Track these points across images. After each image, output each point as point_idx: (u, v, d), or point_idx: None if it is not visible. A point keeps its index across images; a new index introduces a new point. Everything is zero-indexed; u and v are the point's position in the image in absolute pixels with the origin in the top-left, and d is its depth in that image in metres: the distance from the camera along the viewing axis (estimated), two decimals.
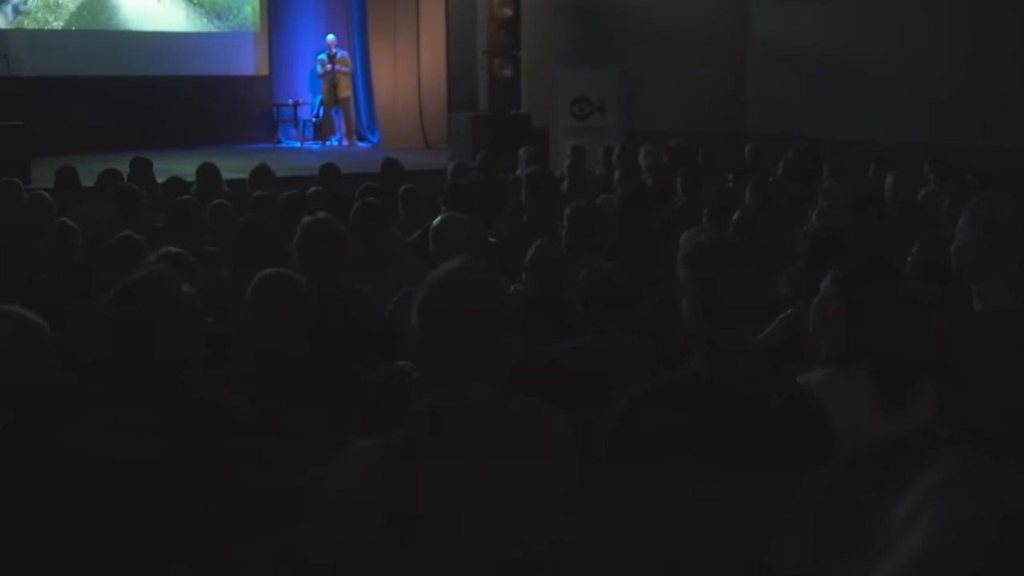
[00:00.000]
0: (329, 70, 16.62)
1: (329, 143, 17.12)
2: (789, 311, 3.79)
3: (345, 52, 17.02)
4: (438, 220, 4.66)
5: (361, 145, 17.32)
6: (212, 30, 16.85)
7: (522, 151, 9.66)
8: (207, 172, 7.89)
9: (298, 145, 16.99)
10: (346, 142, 17.03)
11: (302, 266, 3.79)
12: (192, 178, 7.97)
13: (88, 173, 8.22)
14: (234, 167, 10.68)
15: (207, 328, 2.67)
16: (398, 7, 16.94)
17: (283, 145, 17.07)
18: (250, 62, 17.40)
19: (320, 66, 16.73)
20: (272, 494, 2.53)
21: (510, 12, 13.83)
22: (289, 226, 4.50)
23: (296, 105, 17.21)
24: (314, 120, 17.24)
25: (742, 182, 6.78)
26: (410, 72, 16.96)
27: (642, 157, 8.98)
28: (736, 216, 5.00)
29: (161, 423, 2.34)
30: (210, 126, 16.08)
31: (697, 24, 13.37)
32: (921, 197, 6.84)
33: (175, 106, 15.67)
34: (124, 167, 8.08)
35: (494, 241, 5.90)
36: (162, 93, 15.64)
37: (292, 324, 3.11)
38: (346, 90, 16.85)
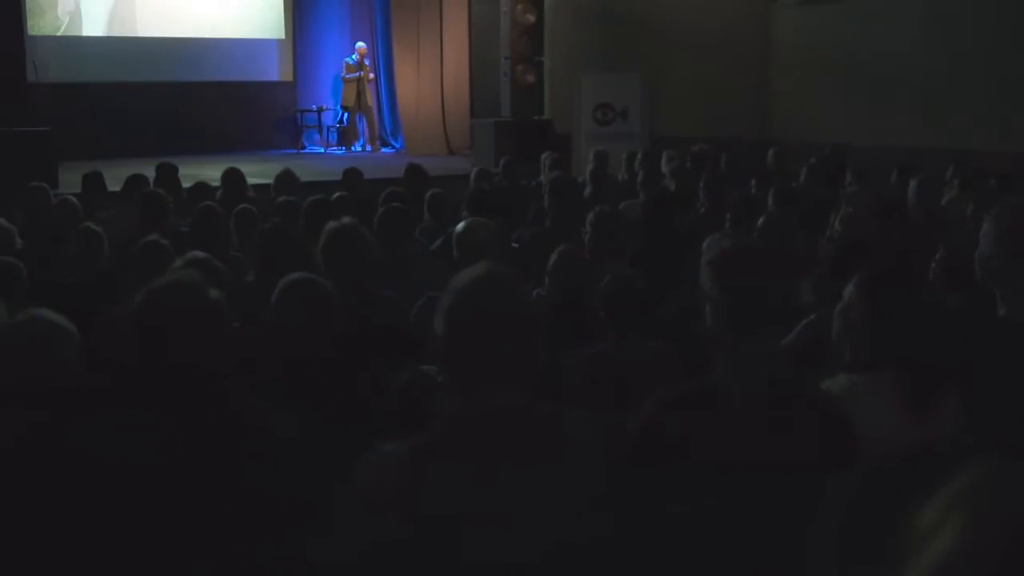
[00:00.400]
0: (359, 76, 16.74)
1: (353, 149, 17.20)
2: (812, 317, 3.78)
3: (368, 60, 17.15)
4: (462, 225, 4.66)
5: (384, 151, 17.40)
6: (238, 36, 16.96)
7: (544, 157, 9.68)
8: (232, 177, 7.94)
9: (322, 151, 17.07)
10: (369, 147, 17.11)
11: (327, 271, 3.80)
12: (217, 183, 8.03)
13: (115, 178, 8.29)
14: (259, 172, 10.76)
15: (233, 333, 2.68)
16: (421, 14, 17.00)
17: (307, 151, 17.16)
18: (275, 68, 17.51)
19: (348, 71, 16.81)
20: (298, 497, 2.55)
21: (533, 18, 13.85)
22: (314, 231, 4.53)
23: (320, 111, 17.31)
24: (338, 126, 17.32)
25: (765, 188, 6.77)
26: (433, 78, 17.01)
27: (665, 163, 8.98)
28: (760, 222, 5.00)
29: (197, 427, 2.36)
30: (235, 132, 16.19)
31: (720, 30, 13.34)
32: (944, 203, 6.80)
33: (201, 112, 15.79)
34: (150, 172, 8.14)
35: (517, 246, 5.92)
36: (188, 99, 15.77)
37: (317, 329, 3.13)
38: (369, 97, 16.98)
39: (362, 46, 17.09)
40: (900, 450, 1.91)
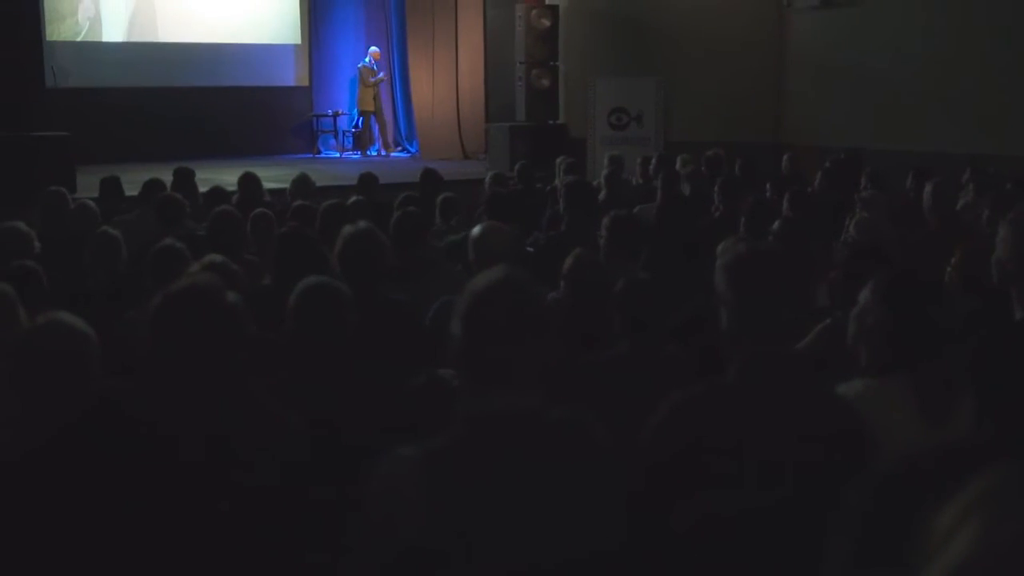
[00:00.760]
0: (377, 80, 16.82)
1: (368, 153, 17.25)
2: (828, 321, 3.77)
3: (381, 64, 17.26)
4: (478, 229, 4.66)
5: (400, 155, 17.45)
6: (254, 42, 17.04)
7: (559, 161, 9.69)
8: (248, 182, 7.97)
9: (337, 155, 17.12)
10: (384, 152, 17.16)
11: (343, 275, 3.81)
12: (233, 187, 8.07)
13: (132, 183, 8.33)
14: (275, 177, 10.80)
15: (250, 336, 2.70)
16: (436, 19, 17.04)
17: (322, 155, 17.21)
18: (291, 73, 17.58)
19: (369, 75, 16.88)
20: (315, 500, 2.56)
21: (548, 23, 13.87)
22: (330, 235, 4.54)
23: (336, 116, 17.37)
24: (354, 130, 17.39)
25: (780, 192, 6.76)
26: (448, 83, 17.04)
27: (679, 166, 8.98)
28: (775, 226, 4.99)
29: (215, 429, 2.37)
30: (251, 136, 16.25)
31: (734, 34, 13.32)
32: (960, 207, 6.78)
33: (217, 117, 15.86)
34: (167, 177, 8.18)
35: (532, 250, 5.92)
36: (205, 104, 15.84)
37: (334, 332, 3.15)
38: (380, 102, 17.08)
39: (376, 50, 17.15)
40: (916, 454, 1.91)
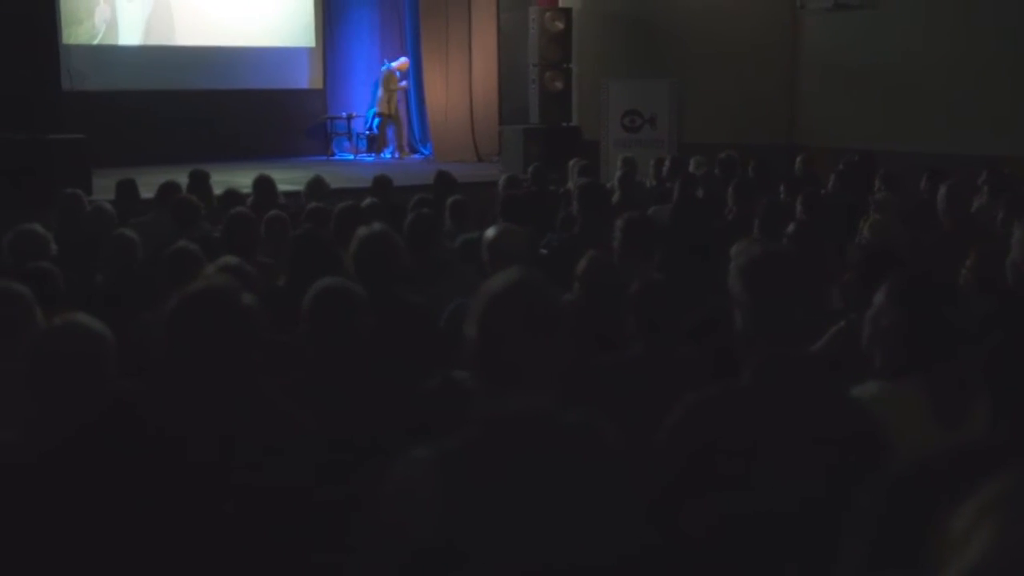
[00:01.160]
0: (401, 86, 16.94)
1: (383, 155, 17.30)
2: (842, 323, 3.77)
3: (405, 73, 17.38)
4: (493, 231, 4.66)
5: (414, 157, 17.48)
6: (269, 45, 17.09)
7: (572, 163, 9.69)
8: (263, 184, 7.99)
9: (351, 157, 17.16)
10: (398, 154, 17.20)
11: (358, 276, 3.82)
12: (248, 190, 8.09)
13: (148, 185, 8.37)
14: (289, 179, 10.83)
15: (265, 338, 2.71)
16: (450, 22, 17.07)
17: (336, 157, 17.25)
18: (305, 76, 17.64)
19: (393, 81, 16.94)
20: (328, 500, 2.57)
21: (561, 25, 13.88)
22: (344, 237, 4.55)
23: (350, 118, 17.42)
24: (367, 133, 17.43)
25: (794, 194, 6.75)
26: (462, 85, 17.06)
27: (693, 168, 8.97)
28: (790, 228, 4.98)
29: (230, 429, 2.39)
30: (266, 139, 16.30)
31: (748, 36, 13.30)
32: (975, 209, 6.75)
33: (232, 119, 15.91)
34: (183, 179, 8.21)
35: (545, 252, 5.92)
36: (220, 107, 15.90)
37: (349, 334, 3.16)
38: (397, 106, 17.17)
39: (405, 61, 17.32)
40: (930, 455, 1.91)
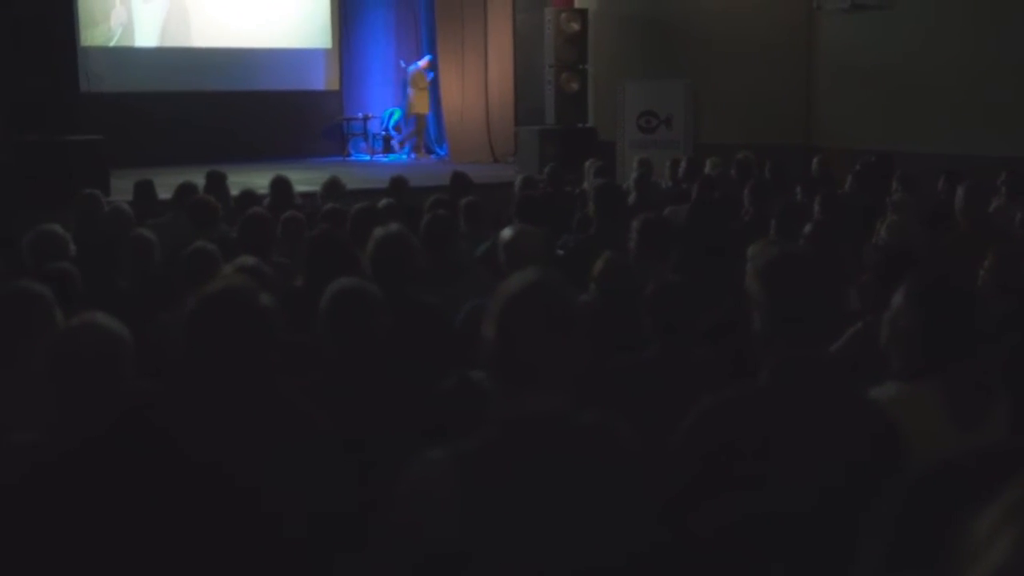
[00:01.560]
0: (428, 80, 17.05)
1: (399, 156, 17.33)
2: (859, 325, 3.76)
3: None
4: (509, 232, 4.66)
5: (430, 158, 17.53)
6: (285, 47, 17.15)
7: (588, 164, 9.68)
8: (280, 185, 8.01)
9: (368, 158, 17.21)
10: (415, 155, 17.24)
11: (375, 277, 3.83)
12: (265, 190, 8.12)
13: (165, 186, 8.41)
14: (306, 180, 10.86)
15: (282, 338, 2.72)
16: (466, 23, 17.10)
17: (353, 158, 17.30)
18: (321, 77, 17.70)
19: (422, 81, 16.99)
20: (344, 502, 2.58)
21: (577, 26, 13.88)
22: (361, 238, 4.56)
23: (366, 119, 17.47)
24: (387, 132, 17.51)
25: (811, 195, 6.73)
26: (478, 86, 17.09)
27: (709, 169, 8.96)
28: (807, 229, 4.97)
29: (247, 430, 2.40)
30: (282, 140, 16.37)
31: (764, 37, 13.27)
32: (992, 210, 6.71)
33: (249, 121, 15.99)
34: (200, 180, 8.24)
35: (562, 253, 5.92)
36: (237, 108, 15.98)
37: (365, 334, 3.16)
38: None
39: (429, 59, 17.36)
40: (948, 458, 1.90)
